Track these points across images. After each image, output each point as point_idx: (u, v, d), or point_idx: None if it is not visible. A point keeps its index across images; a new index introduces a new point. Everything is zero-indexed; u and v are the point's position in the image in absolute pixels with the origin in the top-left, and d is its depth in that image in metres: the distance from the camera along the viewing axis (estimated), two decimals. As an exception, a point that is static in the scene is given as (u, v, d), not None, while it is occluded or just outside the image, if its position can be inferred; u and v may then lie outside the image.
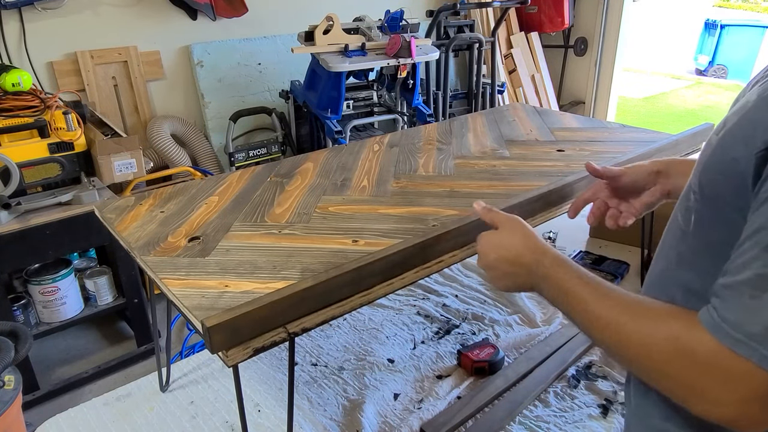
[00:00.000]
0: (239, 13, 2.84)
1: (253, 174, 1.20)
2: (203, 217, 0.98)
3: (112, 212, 1.01)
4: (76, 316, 2.02)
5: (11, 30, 2.33)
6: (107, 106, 2.63)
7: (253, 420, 1.07)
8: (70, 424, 1.09)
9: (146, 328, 2.16)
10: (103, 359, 2.11)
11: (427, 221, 0.94)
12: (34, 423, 1.24)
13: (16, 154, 1.79)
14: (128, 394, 1.16)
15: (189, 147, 2.85)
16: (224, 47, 2.92)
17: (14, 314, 1.88)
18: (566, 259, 0.65)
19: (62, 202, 1.85)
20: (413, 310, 1.49)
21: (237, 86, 3.00)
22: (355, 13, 2.84)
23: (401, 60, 2.51)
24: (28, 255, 1.83)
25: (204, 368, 1.24)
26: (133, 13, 2.62)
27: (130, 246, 0.88)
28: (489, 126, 1.56)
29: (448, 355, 1.30)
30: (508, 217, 0.76)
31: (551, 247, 0.68)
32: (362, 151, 1.35)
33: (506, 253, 0.71)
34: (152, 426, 1.07)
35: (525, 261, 0.69)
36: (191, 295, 0.73)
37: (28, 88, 1.98)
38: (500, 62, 3.85)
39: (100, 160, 1.96)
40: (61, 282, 1.95)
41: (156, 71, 2.77)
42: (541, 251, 0.67)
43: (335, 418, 1.09)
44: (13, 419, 1.30)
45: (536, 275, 0.67)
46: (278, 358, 1.28)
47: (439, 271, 0.89)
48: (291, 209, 1.01)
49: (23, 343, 1.35)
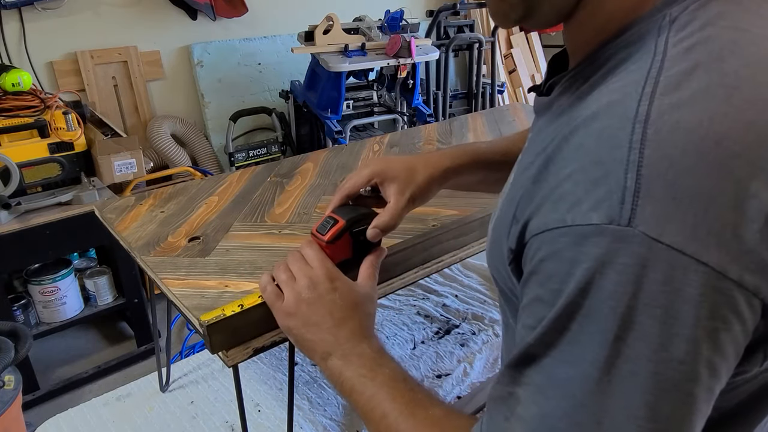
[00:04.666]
0: (239, 13, 2.85)
1: (253, 174, 1.20)
2: (203, 217, 0.98)
3: (112, 212, 1.01)
4: (76, 316, 2.02)
5: (11, 30, 2.33)
6: (107, 106, 2.63)
7: (253, 420, 1.07)
8: (70, 424, 1.09)
9: (146, 328, 2.16)
10: (103, 359, 2.11)
11: (427, 221, 0.94)
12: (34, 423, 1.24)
13: (16, 154, 1.79)
14: (128, 394, 1.16)
15: (189, 147, 2.85)
16: (224, 47, 2.92)
17: (14, 314, 1.88)
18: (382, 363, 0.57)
19: (62, 202, 1.85)
20: (413, 310, 1.49)
21: (237, 86, 3.00)
22: (355, 13, 2.84)
23: (401, 60, 2.51)
24: (28, 255, 1.83)
25: (204, 368, 1.24)
26: (133, 13, 2.62)
27: (130, 246, 0.88)
28: (489, 126, 1.56)
29: (448, 355, 1.30)
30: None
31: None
32: (362, 151, 1.35)
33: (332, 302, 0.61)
34: (152, 426, 1.07)
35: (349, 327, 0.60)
36: (191, 295, 0.73)
37: (28, 88, 1.98)
38: (500, 62, 3.85)
39: (100, 160, 1.96)
40: (61, 282, 1.95)
41: (156, 71, 2.77)
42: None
43: (335, 418, 1.09)
44: (13, 419, 1.30)
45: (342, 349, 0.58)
46: (278, 358, 1.28)
47: (439, 271, 0.89)
48: (291, 209, 1.01)
49: (23, 343, 1.35)
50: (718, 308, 0.34)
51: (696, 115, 0.34)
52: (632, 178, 0.34)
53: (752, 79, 0.36)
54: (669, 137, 0.34)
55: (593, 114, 0.39)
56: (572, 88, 0.46)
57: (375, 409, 0.52)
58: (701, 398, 0.35)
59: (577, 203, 0.36)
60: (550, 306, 0.38)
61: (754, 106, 0.35)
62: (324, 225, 0.67)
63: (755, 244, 0.33)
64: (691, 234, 0.33)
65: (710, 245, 0.33)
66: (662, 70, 0.37)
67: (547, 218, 0.38)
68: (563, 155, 0.40)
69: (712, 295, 0.33)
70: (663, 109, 0.35)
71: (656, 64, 0.38)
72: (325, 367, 0.59)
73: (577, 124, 0.40)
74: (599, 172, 0.36)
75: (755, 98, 0.35)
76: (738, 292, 0.34)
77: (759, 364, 0.39)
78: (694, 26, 0.38)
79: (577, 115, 0.41)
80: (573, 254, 0.36)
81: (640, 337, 0.34)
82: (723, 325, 0.34)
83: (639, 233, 0.34)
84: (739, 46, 0.37)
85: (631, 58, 0.40)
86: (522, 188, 0.43)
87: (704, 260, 0.33)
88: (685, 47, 0.38)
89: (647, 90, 0.36)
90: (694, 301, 0.33)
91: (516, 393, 0.40)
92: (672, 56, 0.38)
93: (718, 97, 0.35)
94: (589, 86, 0.43)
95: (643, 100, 0.36)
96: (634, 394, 0.35)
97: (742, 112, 0.35)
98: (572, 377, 0.36)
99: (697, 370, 0.34)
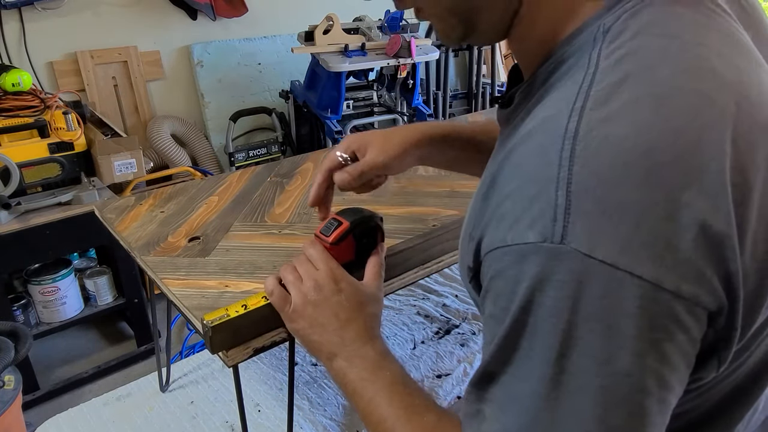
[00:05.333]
0: (239, 13, 2.84)
1: (253, 174, 1.20)
2: (203, 217, 0.98)
3: (112, 212, 1.01)
4: (76, 316, 2.02)
5: (11, 30, 2.32)
6: (107, 106, 2.63)
7: (253, 420, 1.06)
8: (70, 424, 1.09)
9: (146, 328, 2.16)
10: (103, 359, 2.11)
11: (427, 221, 0.94)
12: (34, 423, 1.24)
13: (16, 154, 1.79)
14: (128, 394, 1.16)
15: (189, 147, 2.85)
16: (224, 47, 2.92)
17: (14, 314, 1.88)
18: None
19: (62, 202, 1.85)
20: (413, 310, 1.49)
21: (237, 86, 3.00)
22: (355, 13, 2.84)
23: (401, 60, 2.51)
24: (28, 255, 1.83)
25: (204, 368, 1.24)
26: (133, 13, 2.62)
27: (130, 246, 0.88)
28: (489, 126, 1.56)
29: (448, 355, 1.30)
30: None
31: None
32: (362, 151, 1.35)
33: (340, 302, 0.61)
34: (152, 426, 1.07)
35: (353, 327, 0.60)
36: (191, 295, 0.73)
37: (28, 88, 1.98)
38: (500, 62, 3.85)
39: (100, 160, 1.96)
40: (61, 282, 1.95)
41: (156, 71, 2.76)
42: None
43: (335, 418, 1.09)
44: (13, 419, 1.30)
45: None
46: (278, 358, 1.27)
47: (439, 271, 0.89)
48: (291, 209, 1.01)
49: (23, 343, 1.35)
50: (659, 319, 0.34)
51: (624, 128, 0.34)
52: (563, 195, 0.34)
53: (682, 87, 0.35)
54: (597, 152, 0.34)
55: (529, 131, 0.39)
56: (525, 101, 0.46)
57: (373, 413, 0.52)
58: (653, 410, 0.35)
59: (516, 222, 0.37)
60: (501, 323, 0.38)
61: (684, 113, 0.34)
62: (328, 227, 0.67)
63: (691, 253, 0.33)
64: (623, 248, 0.33)
65: (643, 258, 0.33)
66: (593, 84, 0.37)
67: (493, 237, 0.39)
68: (505, 173, 0.40)
69: (650, 307, 0.33)
70: (592, 124, 0.35)
71: (588, 78, 0.37)
72: (331, 368, 0.59)
73: (516, 141, 0.40)
74: (533, 190, 0.36)
75: (685, 106, 0.35)
76: (677, 303, 0.33)
77: (715, 370, 0.39)
78: (625, 36, 0.38)
79: (519, 132, 0.41)
80: (515, 273, 0.36)
81: (584, 352, 0.35)
82: (666, 336, 0.34)
83: (572, 250, 0.34)
84: (670, 54, 0.37)
85: (569, 71, 0.40)
86: (476, 205, 0.44)
87: (638, 273, 0.33)
88: (616, 58, 0.37)
89: (577, 105, 0.36)
90: (633, 314, 0.33)
91: (482, 410, 0.41)
92: (603, 68, 0.37)
93: (647, 107, 0.35)
94: (536, 100, 0.43)
95: (572, 116, 0.36)
96: (584, 408, 0.35)
97: (671, 120, 0.34)
98: (526, 393, 0.37)
99: (644, 382, 0.34)
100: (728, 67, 0.37)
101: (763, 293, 0.37)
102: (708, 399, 0.45)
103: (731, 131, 0.35)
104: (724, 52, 0.38)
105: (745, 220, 0.35)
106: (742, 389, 0.46)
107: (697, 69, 0.36)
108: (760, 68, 0.40)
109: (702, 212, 0.33)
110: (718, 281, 0.34)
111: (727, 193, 0.34)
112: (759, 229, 0.36)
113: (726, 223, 0.34)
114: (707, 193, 0.33)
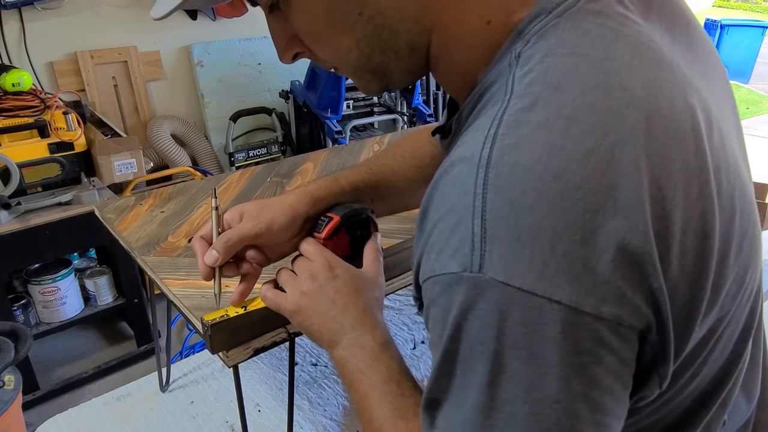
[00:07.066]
0: (239, 13, 2.85)
1: (253, 174, 1.20)
2: (203, 217, 0.98)
3: (112, 212, 1.01)
4: (76, 316, 2.03)
5: (11, 30, 2.33)
6: (107, 106, 2.63)
7: (253, 420, 1.06)
8: (70, 424, 1.09)
9: (146, 328, 2.16)
10: (103, 359, 2.11)
11: (427, 221, 0.94)
12: (34, 423, 1.24)
13: (16, 154, 1.79)
14: (128, 394, 1.16)
15: (189, 147, 2.85)
16: (224, 47, 2.92)
17: (14, 314, 1.88)
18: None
19: (62, 202, 1.86)
20: (413, 310, 1.49)
21: (237, 86, 3.00)
22: (355, 13, 2.84)
23: (401, 60, 2.51)
24: (28, 255, 1.83)
25: (204, 368, 1.24)
26: (133, 13, 2.62)
27: (130, 246, 0.88)
28: (489, 126, 1.56)
29: (448, 355, 1.30)
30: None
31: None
32: (362, 151, 1.35)
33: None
34: (152, 426, 1.07)
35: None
36: (191, 295, 0.73)
37: (28, 88, 1.98)
38: (500, 62, 3.85)
39: (100, 160, 1.96)
40: (61, 282, 1.95)
41: (156, 71, 2.77)
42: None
43: (335, 418, 1.09)
44: (13, 419, 1.30)
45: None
46: (278, 358, 1.27)
47: (439, 271, 0.89)
48: (291, 209, 1.01)
49: (23, 343, 1.35)
50: (583, 343, 0.33)
51: (534, 153, 0.34)
52: (478, 224, 0.34)
53: (591, 107, 0.35)
54: (508, 179, 0.34)
55: (452, 161, 0.39)
56: (458, 130, 0.47)
57: (364, 410, 0.52)
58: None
59: (441, 252, 0.37)
60: (437, 350, 0.38)
61: (593, 134, 0.34)
62: (319, 224, 0.66)
63: (609, 274, 0.33)
64: (539, 274, 0.33)
65: (561, 282, 0.33)
66: (507, 110, 0.37)
67: (425, 267, 0.39)
68: (434, 203, 0.40)
69: (572, 331, 0.33)
70: (503, 150, 0.35)
71: (503, 104, 0.37)
72: (332, 357, 0.59)
73: (442, 171, 0.40)
74: (454, 219, 0.36)
75: (594, 126, 0.34)
76: (599, 325, 0.33)
77: (658, 387, 0.39)
78: (534, 59, 0.38)
79: (446, 162, 0.40)
80: (444, 302, 0.36)
81: (512, 380, 0.35)
82: (592, 359, 0.34)
83: (490, 279, 0.33)
84: (578, 73, 0.36)
85: (492, 99, 0.40)
86: (416, 235, 0.43)
87: (557, 298, 0.33)
88: (527, 82, 0.37)
89: (491, 132, 0.36)
90: (556, 340, 0.33)
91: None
92: (516, 93, 0.37)
93: (557, 130, 0.34)
94: (465, 129, 0.43)
95: (486, 143, 0.36)
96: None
97: (581, 141, 0.34)
98: (463, 421, 0.37)
99: (574, 407, 0.34)
100: (637, 81, 0.36)
101: (696, 305, 0.37)
102: (672, 411, 0.45)
103: (644, 146, 0.34)
104: (634, 64, 0.37)
105: (668, 234, 0.34)
106: (708, 394, 0.46)
107: (605, 86, 0.35)
108: (674, 74, 0.39)
109: (618, 231, 0.33)
110: (641, 299, 0.34)
111: (643, 210, 0.33)
112: (685, 241, 0.35)
113: (644, 239, 0.33)
114: (622, 211, 0.33)
